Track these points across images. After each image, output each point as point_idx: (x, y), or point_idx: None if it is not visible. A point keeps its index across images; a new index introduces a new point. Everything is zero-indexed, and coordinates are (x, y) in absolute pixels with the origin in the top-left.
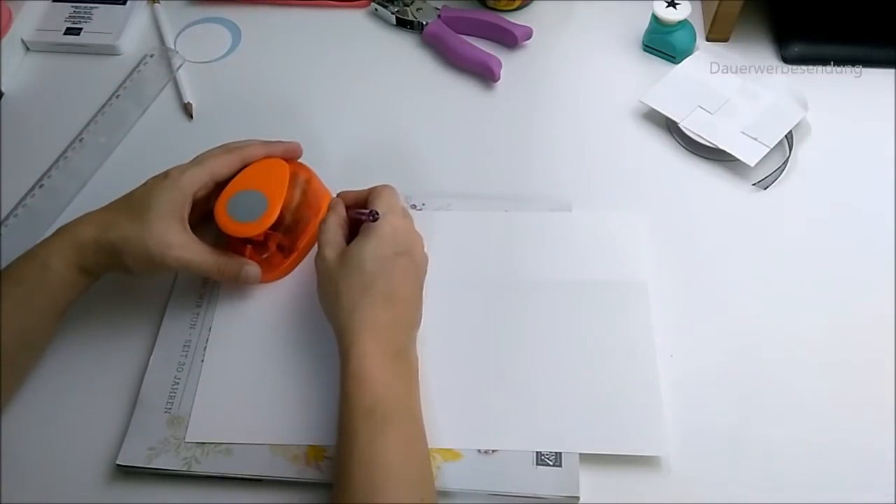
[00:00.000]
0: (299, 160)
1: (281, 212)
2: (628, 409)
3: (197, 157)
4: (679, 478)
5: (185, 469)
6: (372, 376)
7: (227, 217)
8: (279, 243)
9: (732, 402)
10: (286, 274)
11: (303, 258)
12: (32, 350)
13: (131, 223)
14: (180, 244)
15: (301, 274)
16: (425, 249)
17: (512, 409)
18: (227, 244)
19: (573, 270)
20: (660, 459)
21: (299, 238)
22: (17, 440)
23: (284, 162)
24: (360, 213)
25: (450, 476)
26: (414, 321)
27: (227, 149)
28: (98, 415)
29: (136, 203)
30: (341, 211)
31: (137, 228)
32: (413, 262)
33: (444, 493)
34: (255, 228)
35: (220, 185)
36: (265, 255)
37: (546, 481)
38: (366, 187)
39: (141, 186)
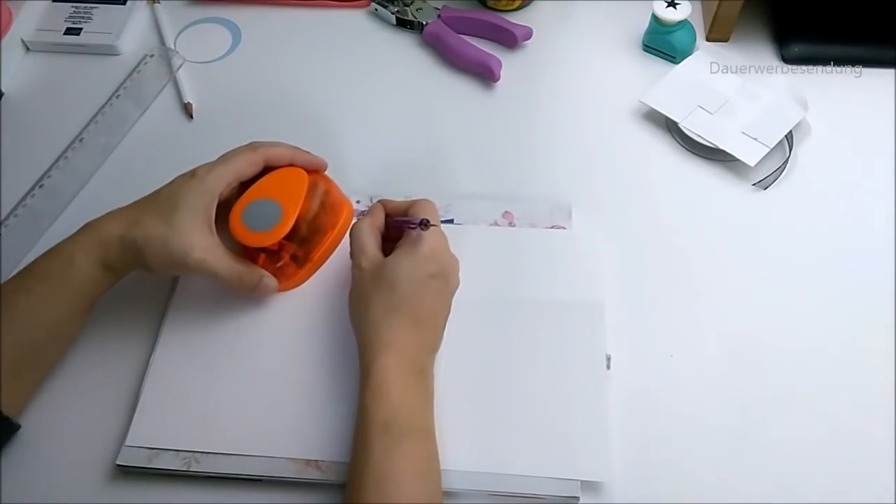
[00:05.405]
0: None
1: (297, 222)
2: (574, 433)
3: (223, 155)
4: (679, 478)
5: (184, 469)
6: (391, 392)
7: (241, 225)
8: (293, 253)
9: (732, 401)
10: (299, 284)
11: (317, 269)
12: (58, 344)
13: (156, 222)
14: (203, 247)
15: (312, 282)
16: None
17: (465, 430)
18: (241, 250)
19: (524, 288)
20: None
21: (314, 249)
22: (17, 440)
23: (304, 172)
24: (407, 222)
25: (450, 476)
26: (437, 345)
27: (252, 147)
28: (98, 415)
29: (162, 201)
30: (379, 217)
31: (162, 227)
32: (447, 286)
33: (444, 493)
34: (268, 239)
35: (244, 185)
36: (279, 265)
37: (546, 481)
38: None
39: (167, 185)
